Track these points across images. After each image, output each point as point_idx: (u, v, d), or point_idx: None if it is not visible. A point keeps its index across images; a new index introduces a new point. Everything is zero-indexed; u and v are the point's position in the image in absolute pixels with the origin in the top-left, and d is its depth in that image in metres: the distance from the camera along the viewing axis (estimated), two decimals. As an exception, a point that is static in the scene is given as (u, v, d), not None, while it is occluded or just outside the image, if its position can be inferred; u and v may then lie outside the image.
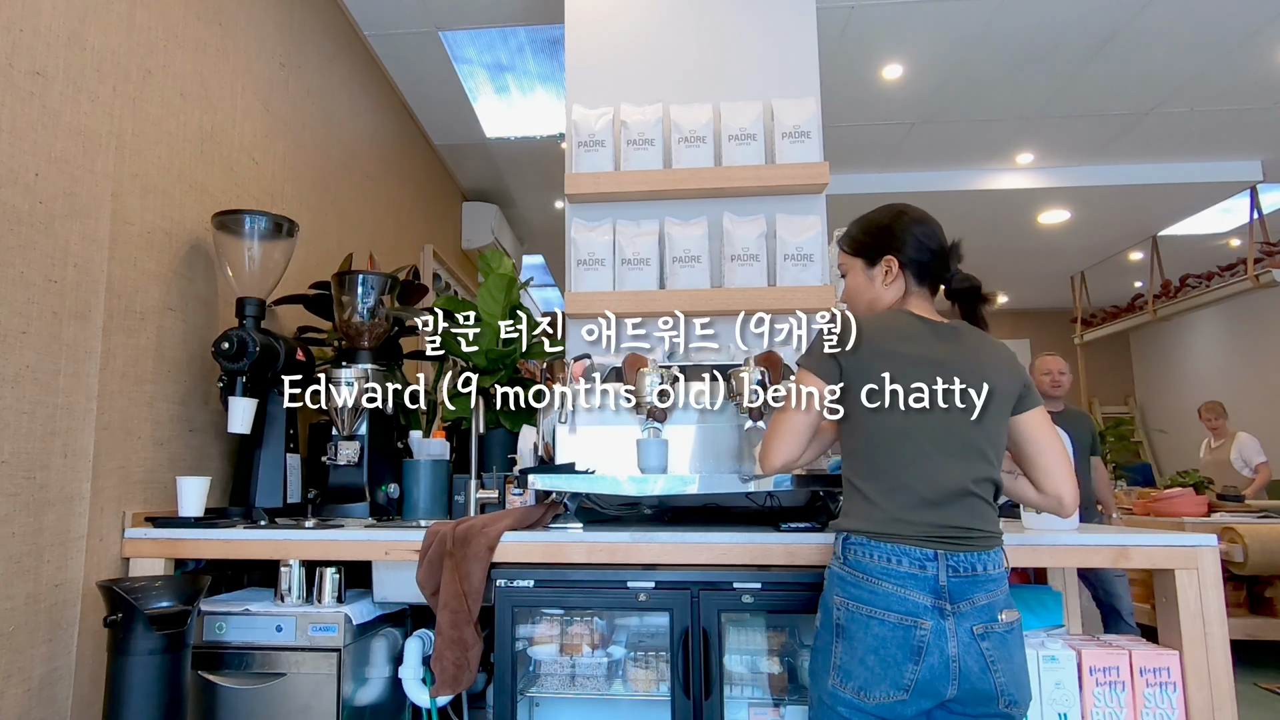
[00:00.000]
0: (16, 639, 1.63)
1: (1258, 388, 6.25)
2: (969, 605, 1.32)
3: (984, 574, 1.34)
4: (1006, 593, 1.38)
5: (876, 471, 1.41)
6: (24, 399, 1.66)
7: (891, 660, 1.30)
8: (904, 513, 1.36)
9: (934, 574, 1.32)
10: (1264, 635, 4.08)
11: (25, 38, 1.69)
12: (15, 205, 1.65)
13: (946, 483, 1.37)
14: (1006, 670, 1.31)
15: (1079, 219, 5.96)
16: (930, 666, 1.29)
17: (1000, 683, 1.30)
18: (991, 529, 1.39)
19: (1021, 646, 1.37)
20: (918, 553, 1.34)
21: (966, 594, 1.33)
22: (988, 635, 1.31)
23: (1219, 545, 1.70)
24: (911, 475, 1.38)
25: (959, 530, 1.35)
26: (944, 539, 1.34)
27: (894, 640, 1.30)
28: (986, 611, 1.33)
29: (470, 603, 1.76)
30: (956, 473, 1.37)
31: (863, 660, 1.32)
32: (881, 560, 1.35)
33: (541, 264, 7.20)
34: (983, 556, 1.35)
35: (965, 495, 1.37)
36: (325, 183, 3.14)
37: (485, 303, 2.62)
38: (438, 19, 3.48)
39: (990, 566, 1.35)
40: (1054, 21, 3.55)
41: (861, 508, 1.41)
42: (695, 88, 2.67)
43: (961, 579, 1.33)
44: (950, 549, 1.34)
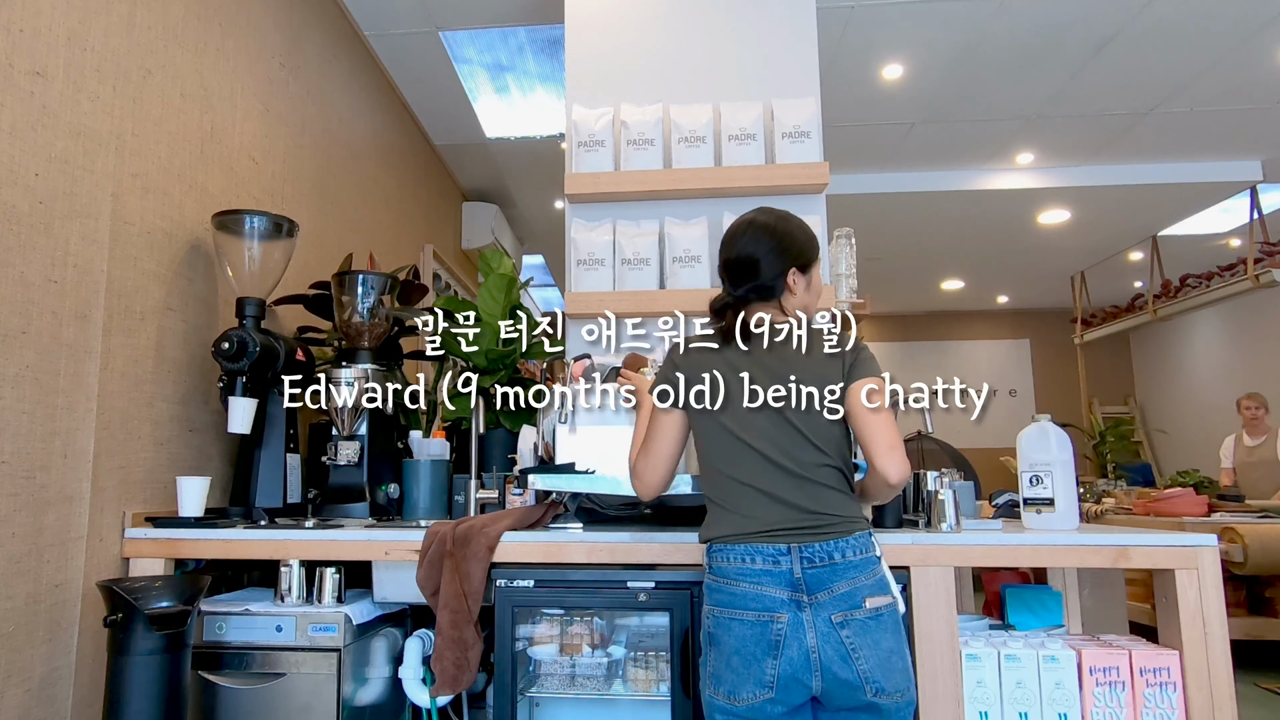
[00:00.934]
0: (16, 639, 1.63)
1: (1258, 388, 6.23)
2: (827, 595, 1.33)
3: (843, 561, 1.34)
4: (878, 578, 1.37)
5: (720, 481, 1.46)
6: (24, 399, 1.66)
7: (752, 658, 1.31)
8: (751, 512, 1.40)
9: (788, 567, 1.34)
10: (1264, 635, 4.07)
11: (25, 38, 1.70)
12: (15, 205, 1.65)
13: (781, 477, 1.40)
14: (871, 657, 1.30)
15: (1079, 219, 5.96)
16: (789, 659, 1.30)
17: (863, 670, 1.29)
18: (844, 515, 1.39)
19: (894, 633, 1.35)
20: (769, 549, 1.36)
21: (824, 583, 1.33)
22: (848, 623, 1.31)
23: (1219, 545, 1.70)
24: (747, 475, 1.42)
25: (807, 518, 1.37)
26: (792, 530, 1.36)
27: (752, 638, 1.32)
28: (847, 599, 1.33)
29: (470, 603, 1.76)
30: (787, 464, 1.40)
31: (729, 663, 1.34)
32: (738, 561, 1.38)
33: (541, 264, 7.20)
34: (840, 544, 1.36)
35: (804, 485, 1.39)
36: (325, 183, 3.14)
37: (485, 303, 2.62)
38: (438, 19, 3.48)
39: (850, 553, 1.35)
40: (1054, 21, 3.55)
41: (714, 514, 1.46)
42: (695, 88, 2.67)
43: (818, 569, 1.34)
44: (801, 540, 1.36)
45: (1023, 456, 1.89)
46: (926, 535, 1.75)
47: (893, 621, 1.36)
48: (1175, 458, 8.06)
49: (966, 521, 1.94)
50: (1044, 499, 1.85)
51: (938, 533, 1.80)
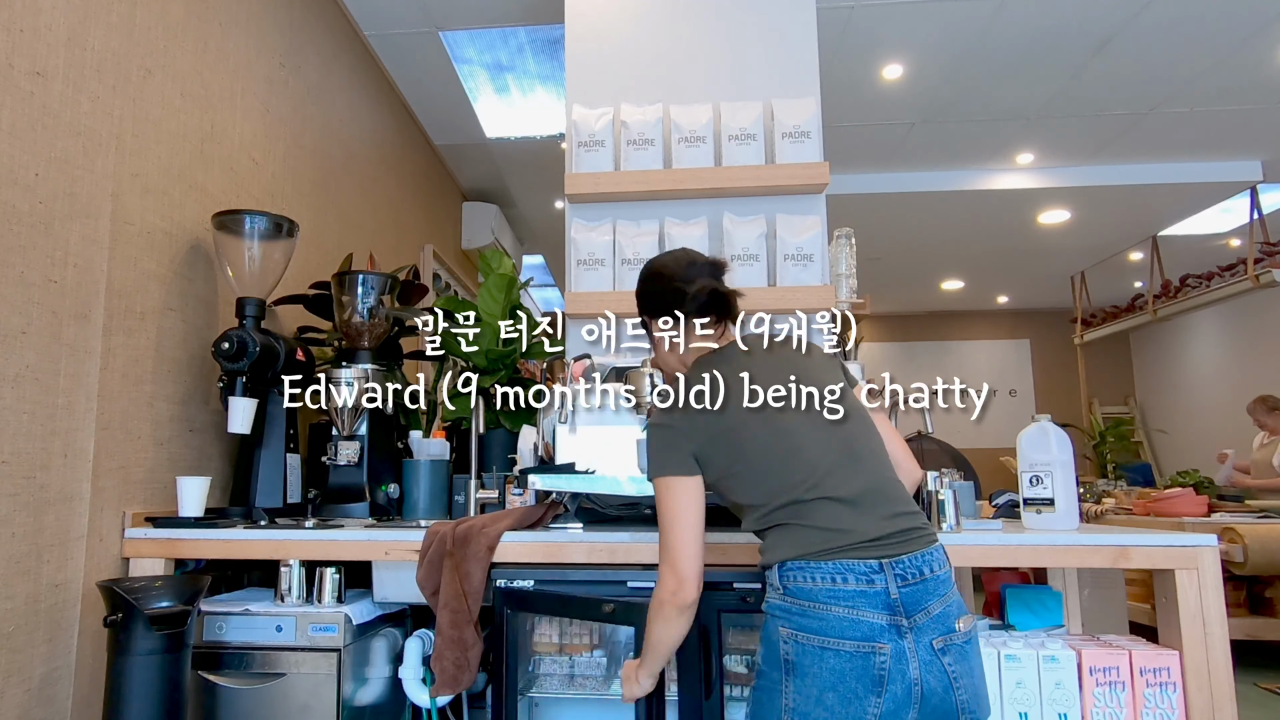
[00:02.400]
0: (16, 639, 1.63)
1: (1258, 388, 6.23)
2: (925, 616, 1.19)
3: (933, 576, 1.22)
4: (959, 595, 1.27)
5: (775, 494, 1.30)
6: (24, 399, 1.66)
7: (853, 695, 1.15)
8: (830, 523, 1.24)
9: (883, 586, 1.19)
10: (1264, 635, 4.08)
11: (25, 38, 1.70)
12: (15, 205, 1.65)
13: (853, 475, 1.30)
14: (969, 686, 1.20)
15: (1079, 219, 5.96)
16: (894, 696, 1.15)
17: (962, 700, 1.18)
18: (925, 522, 1.30)
19: (980, 655, 1.25)
20: (861, 565, 1.20)
21: (920, 603, 1.20)
22: (948, 649, 1.19)
23: (1219, 545, 1.70)
24: (812, 482, 1.28)
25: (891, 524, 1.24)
26: (881, 540, 1.22)
27: (853, 672, 1.16)
28: (942, 621, 1.20)
29: (470, 603, 1.76)
30: (856, 463, 1.32)
31: (821, 700, 1.17)
32: (825, 581, 1.21)
33: (541, 264, 7.20)
34: (926, 556, 1.23)
35: (880, 484, 1.30)
36: (325, 183, 3.14)
37: (485, 303, 2.62)
38: (438, 19, 3.48)
39: (937, 566, 1.24)
40: (1054, 21, 3.54)
41: (782, 535, 1.28)
42: (695, 88, 2.67)
43: (912, 586, 1.20)
44: (893, 554, 1.22)
45: (1023, 456, 1.89)
46: (926, 535, 1.75)
47: (978, 645, 1.26)
48: (1175, 458, 8.06)
49: (966, 521, 1.94)
50: (1044, 499, 1.84)
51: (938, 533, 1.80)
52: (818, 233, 2.43)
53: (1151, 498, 4.57)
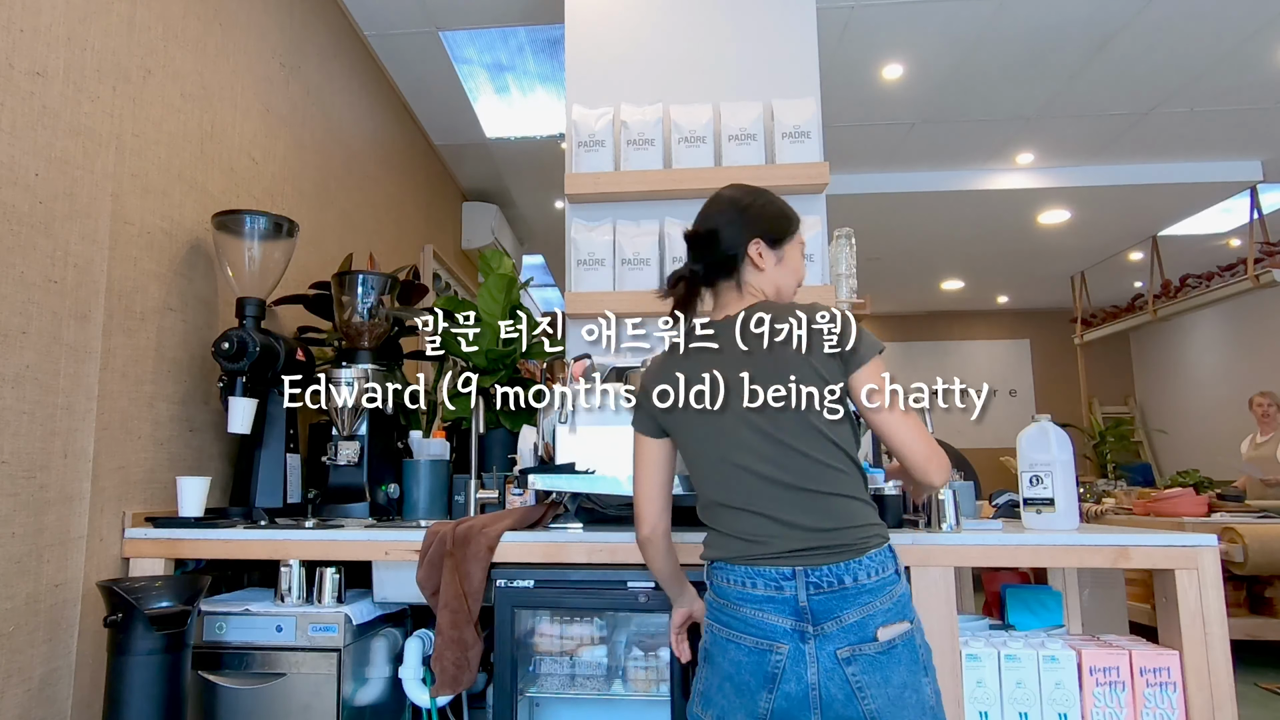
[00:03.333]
0: (16, 639, 1.63)
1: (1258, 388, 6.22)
2: (835, 625, 1.21)
3: (855, 585, 1.22)
4: (895, 601, 1.24)
5: (712, 503, 1.36)
6: (24, 399, 1.66)
7: (746, 687, 1.22)
8: (753, 532, 1.28)
9: (793, 594, 1.22)
10: (1264, 635, 4.07)
11: (25, 38, 1.70)
12: (15, 205, 1.65)
13: (780, 495, 1.27)
14: (880, 695, 1.18)
15: (1079, 219, 5.96)
16: (786, 695, 1.19)
17: (869, 709, 1.18)
18: (857, 526, 1.26)
19: (909, 665, 1.22)
20: (773, 572, 1.24)
21: (833, 611, 1.21)
22: (855, 659, 1.19)
23: (1219, 545, 1.70)
24: (741, 497, 1.30)
25: (815, 537, 1.24)
26: (800, 551, 1.24)
27: (748, 666, 1.23)
28: (856, 630, 1.20)
29: (470, 603, 1.76)
30: (786, 480, 1.27)
31: (720, 687, 1.26)
32: (737, 584, 1.28)
33: (541, 264, 7.20)
34: (852, 566, 1.22)
35: (808, 500, 1.26)
36: (325, 183, 3.14)
37: (485, 303, 2.62)
38: (438, 19, 3.48)
39: (863, 575, 1.22)
40: (1054, 21, 3.54)
41: (713, 536, 1.37)
42: (695, 88, 2.67)
43: (826, 595, 1.21)
44: (810, 562, 1.23)
45: (1023, 456, 1.89)
46: (926, 535, 1.75)
47: (908, 653, 1.22)
48: (1175, 458, 8.06)
49: (966, 521, 1.94)
50: (1044, 499, 1.84)
51: (938, 533, 1.80)
52: (818, 233, 2.43)
53: (1151, 498, 4.57)
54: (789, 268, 1.46)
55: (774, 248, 1.44)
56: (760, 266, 1.42)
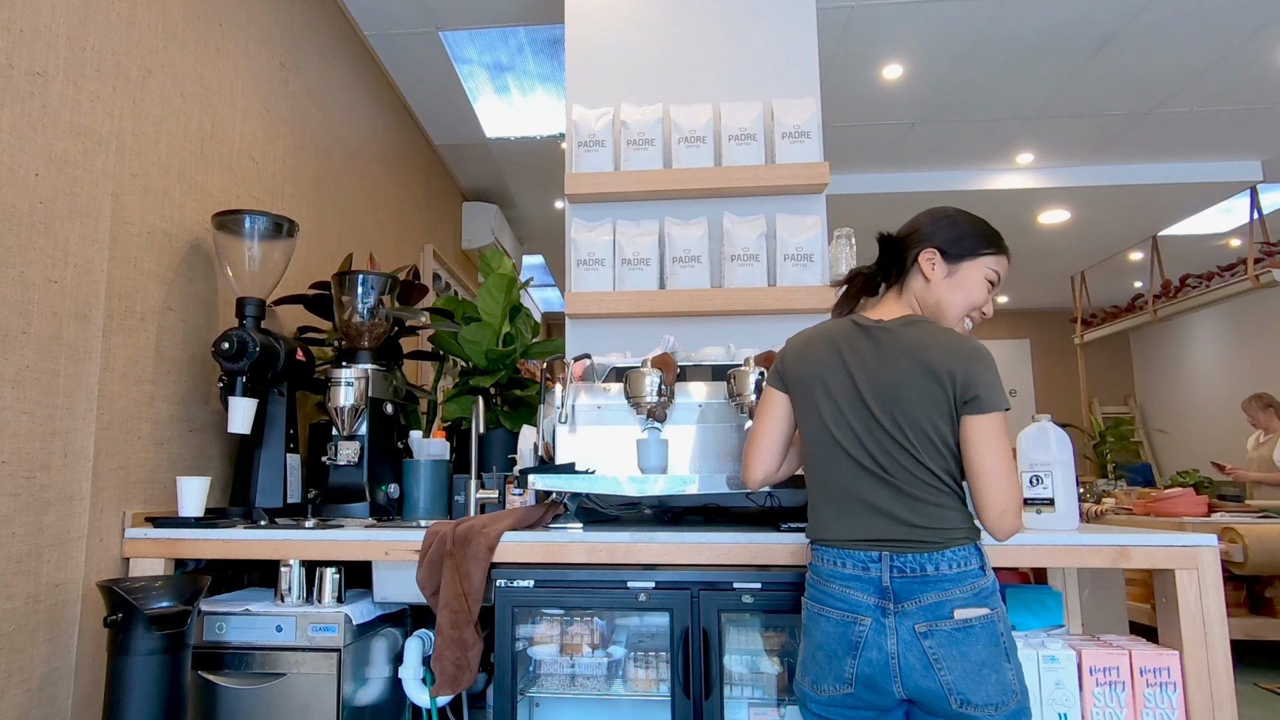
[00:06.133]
0: (16, 639, 1.63)
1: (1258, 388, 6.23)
2: (915, 604, 1.31)
3: (935, 574, 1.32)
4: (975, 591, 1.31)
5: (816, 480, 1.46)
6: (24, 399, 1.66)
7: (834, 654, 1.35)
8: (846, 517, 1.39)
9: (877, 575, 1.34)
10: (1264, 635, 4.08)
11: (25, 38, 1.70)
12: (15, 205, 1.65)
13: (879, 486, 1.37)
14: (957, 668, 1.27)
15: (1079, 219, 5.96)
16: (869, 661, 1.32)
17: (946, 681, 1.27)
18: (944, 527, 1.33)
19: (989, 645, 1.29)
20: (860, 555, 1.36)
21: (913, 594, 1.32)
22: (931, 633, 1.29)
23: (1219, 545, 1.70)
24: (844, 482, 1.40)
25: (903, 530, 1.34)
26: (886, 540, 1.35)
27: (836, 636, 1.35)
28: (934, 610, 1.30)
29: (470, 603, 1.76)
30: (886, 475, 1.36)
31: (814, 655, 1.38)
32: (830, 564, 1.40)
33: (541, 264, 7.21)
34: (934, 557, 1.32)
35: (905, 497, 1.35)
36: (325, 183, 3.14)
37: (485, 303, 2.62)
38: (438, 19, 3.48)
39: (945, 566, 1.32)
40: (1054, 21, 3.55)
41: (814, 516, 1.47)
42: (695, 88, 2.67)
43: (908, 579, 1.33)
44: (894, 550, 1.34)
45: (1023, 456, 1.89)
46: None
47: (987, 634, 1.29)
48: (1175, 458, 8.07)
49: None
50: (1044, 499, 1.84)
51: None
52: (818, 233, 2.43)
53: (1151, 498, 4.58)
54: (959, 286, 1.46)
55: (948, 261, 1.46)
56: (928, 277, 1.46)
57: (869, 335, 1.44)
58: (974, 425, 1.33)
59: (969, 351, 1.35)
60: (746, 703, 1.83)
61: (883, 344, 1.41)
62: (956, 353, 1.35)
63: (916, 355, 1.37)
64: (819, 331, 1.51)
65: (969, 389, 1.34)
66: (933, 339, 1.38)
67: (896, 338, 1.40)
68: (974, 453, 1.33)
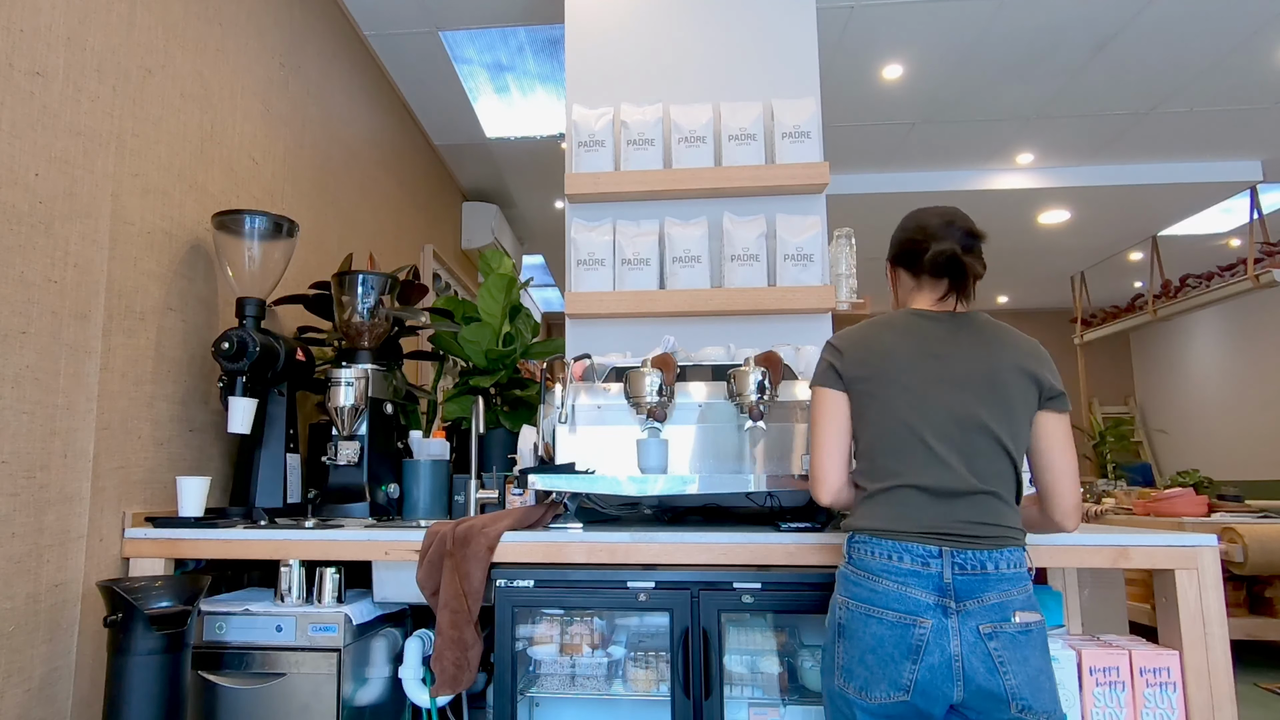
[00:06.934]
0: (16, 639, 1.63)
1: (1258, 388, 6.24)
2: (977, 604, 1.27)
3: (995, 572, 1.29)
4: (1029, 595, 1.32)
5: (877, 470, 1.40)
6: (24, 399, 1.66)
7: (890, 659, 1.27)
8: (905, 509, 1.34)
9: (938, 571, 1.29)
10: (1264, 635, 4.08)
11: (25, 38, 1.70)
12: (15, 205, 1.65)
13: (950, 478, 1.33)
14: (1021, 674, 1.25)
15: (1079, 219, 5.96)
16: (930, 666, 1.25)
17: (1010, 685, 1.25)
18: (1005, 525, 1.34)
19: (1042, 653, 1.30)
20: (920, 549, 1.31)
21: (975, 592, 1.28)
22: (996, 635, 1.26)
23: (1219, 545, 1.70)
24: (911, 471, 1.36)
25: (965, 526, 1.32)
26: (948, 535, 1.31)
27: (892, 639, 1.28)
28: (997, 611, 1.27)
29: (470, 603, 1.76)
30: (960, 468, 1.34)
31: (862, 659, 1.30)
32: (882, 557, 1.33)
33: (541, 264, 7.20)
34: (994, 555, 1.30)
35: (972, 492, 1.33)
36: (325, 183, 3.14)
37: (485, 303, 2.62)
38: (438, 19, 3.48)
39: (1004, 565, 1.30)
40: (1054, 21, 3.55)
41: (865, 506, 1.40)
42: (695, 88, 2.67)
43: (969, 576, 1.29)
44: (956, 545, 1.30)
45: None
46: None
47: (1041, 640, 1.31)
48: (1175, 458, 8.06)
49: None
50: (1044, 499, 1.84)
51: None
52: (818, 233, 2.43)
53: (1151, 498, 4.58)
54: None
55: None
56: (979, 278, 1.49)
57: (947, 324, 1.44)
58: (1057, 422, 1.41)
59: (1043, 352, 1.44)
60: (746, 703, 1.83)
61: (967, 333, 1.42)
62: (1037, 350, 1.43)
63: (1006, 351, 1.41)
64: (879, 323, 1.48)
65: (1054, 386, 1.41)
66: (1009, 334, 1.44)
67: (978, 329, 1.43)
68: (1054, 449, 1.39)
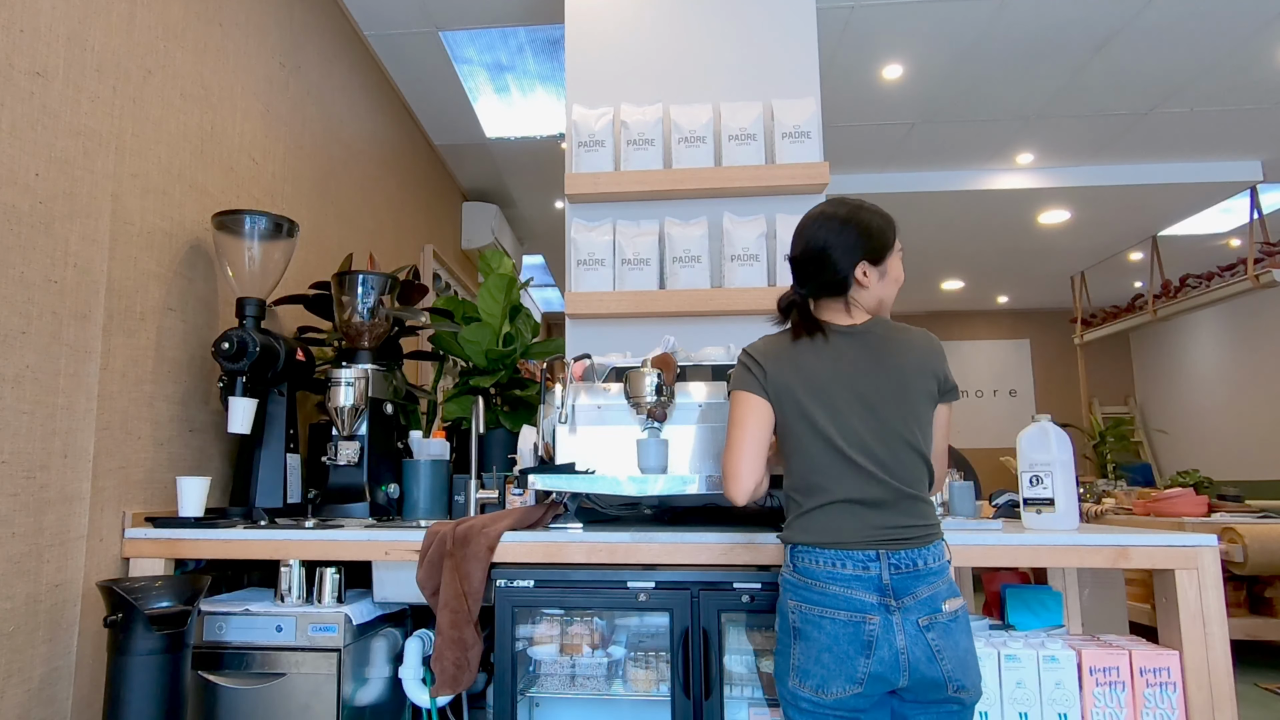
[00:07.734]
0: (16, 639, 1.63)
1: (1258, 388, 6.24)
2: (912, 599, 1.37)
3: (925, 568, 1.39)
4: (950, 582, 1.42)
5: (810, 487, 1.45)
6: (24, 399, 1.66)
7: (845, 656, 1.35)
8: (842, 522, 1.41)
9: (877, 573, 1.38)
10: (1264, 635, 4.08)
11: (25, 38, 1.70)
12: (15, 205, 1.65)
13: (878, 490, 1.41)
14: (952, 657, 1.36)
15: (1079, 219, 5.96)
16: (881, 659, 1.34)
17: (947, 670, 1.35)
18: (929, 524, 1.43)
19: (967, 633, 1.40)
20: (860, 555, 1.39)
21: (910, 588, 1.37)
22: (932, 626, 1.36)
23: (1219, 545, 1.70)
24: (842, 488, 1.42)
25: (897, 530, 1.40)
26: (883, 541, 1.39)
27: (846, 637, 1.36)
28: (929, 604, 1.37)
29: (470, 603, 1.76)
30: (887, 478, 1.41)
31: (818, 659, 1.37)
32: (827, 565, 1.40)
33: (541, 264, 7.20)
34: (923, 552, 1.40)
35: (899, 499, 1.41)
36: (325, 183, 3.14)
37: (485, 303, 2.62)
38: (438, 19, 3.48)
39: (931, 560, 1.40)
40: (1054, 21, 3.54)
41: (802, 521, 1.45)
42: (695, 88, 2.67)
43: (904, 575, 1.38)
44: (891, 548, 1.39)
45: (1023, 456, 1.89)
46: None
47: (966, 623, 1.41)
48: (1175, 458, 8.06)
49: (966, 521, 1.94)
50: (1044, 499, 1.84)
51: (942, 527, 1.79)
52: (818, 233, 2.42)
53: (1151, 498, 4.57)
54: (890, 279, 1.56)
55: (877, 265, 1.53)
56: (865, 285, 1.52)
57: (853, 339, 1.49)
58: (946, 411, 1.55)
59: (938, 346, 1.52)
60: (746, 703, 1.83)
61: (871, 347, 1.48)
62: (934, 349, 1.51)
63: (908, 356, 1.47)
64: (795, 342, 1.51)
65: (949, 379, 1.51)
66: (909, 338, 1.50)
67: (880, 340, 1.49)
68: (939, 435, 1.54)
